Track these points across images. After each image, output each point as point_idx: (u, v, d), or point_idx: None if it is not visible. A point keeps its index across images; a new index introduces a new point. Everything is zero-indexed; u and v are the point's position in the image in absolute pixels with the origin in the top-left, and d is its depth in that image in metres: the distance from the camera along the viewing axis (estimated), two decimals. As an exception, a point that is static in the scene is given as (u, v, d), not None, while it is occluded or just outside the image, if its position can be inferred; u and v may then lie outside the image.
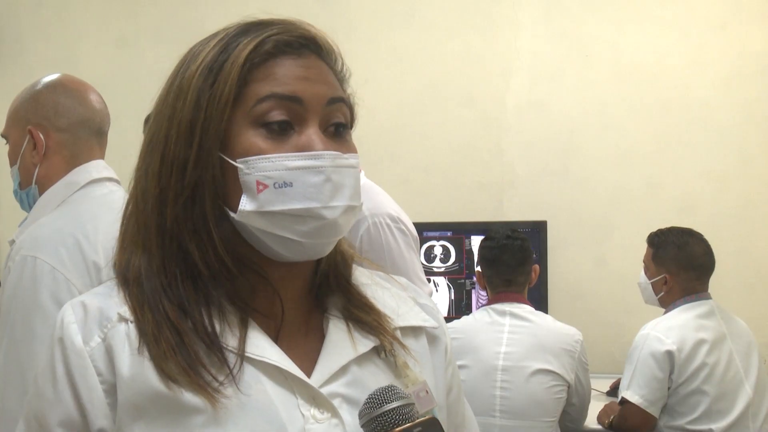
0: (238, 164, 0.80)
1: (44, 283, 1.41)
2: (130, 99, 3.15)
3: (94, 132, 1.67)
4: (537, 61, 3.51)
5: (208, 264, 0.82)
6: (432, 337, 0.95)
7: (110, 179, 1.66)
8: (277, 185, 0.79)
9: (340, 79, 0.88)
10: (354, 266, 0.94)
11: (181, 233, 0.82)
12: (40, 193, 1.64)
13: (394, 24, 3.58)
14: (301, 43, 0.84)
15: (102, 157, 1.69)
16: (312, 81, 0.82)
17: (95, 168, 1.64)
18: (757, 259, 3.36)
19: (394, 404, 0.79)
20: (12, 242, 1.58)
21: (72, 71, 1.78)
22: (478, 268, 2.65)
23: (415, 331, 0.93)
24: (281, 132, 0.81)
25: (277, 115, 0.81)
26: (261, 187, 0.79)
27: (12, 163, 1.68)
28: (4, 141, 1.71)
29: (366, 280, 0.94)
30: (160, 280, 0.82)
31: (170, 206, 0.82)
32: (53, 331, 0.84)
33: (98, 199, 1.60)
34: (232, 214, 0.81)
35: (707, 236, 2.68)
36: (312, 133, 0.81)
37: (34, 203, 1.64)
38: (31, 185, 1.64)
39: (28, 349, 1.38)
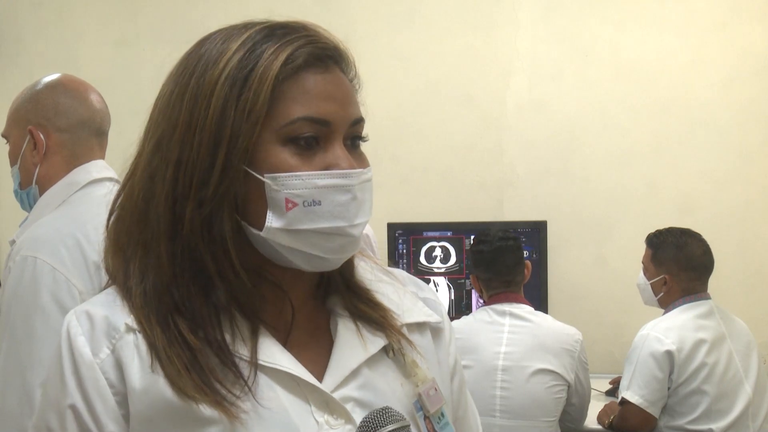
0: (266, 180, 0.79)
1: (44, 283, 1.41)
2: (130, 99, 3.15)
3: (95, 132, 1.67)
4: (537, 61, 3.51)
5: (223, 276, 0.81)
6: (436, 331, 0.96)
7: (110, 179, 1.66)
8: (306, 203, 0.79)
9: (356, 90, 0.88)
10: (356, 262, 0.93)
11: (197, 244, 0.80)
12: (41, 193, 1.64)
13: (394, 24, 3.58)
14: (328, 56, 0.83)
15: (102, 157, 1.69)
16: (340, 102, 0.82)
17: (95, 168, 1.64)
18: (757, 259, 3.36)
19: (389, 428, 0.78)
20: (12, 242, 1.58)
21: (72, 71, 1.78)
22: (473, 273, 2.64)
23: (420, 326, 0.93)
24: (308, 148, 0.80)
25: (306, 132, 0.80)
26: (290, 205, 0.78)
27: (12, 163, 1.68)
28: (5, 141, 1.71)
29: (369, 275, 0.94)
30: (171, 293, 0.80)
31: (187, 218, 0.79)
32: (59, 342, 0.82)
33: (98, 199, 1.60)
34: (255, 231, 0.80)
35: (707, 236, 2.68)
36: (339, 151, 0.81)
37: (35, 203, 1.64)
38: (31, 185, 1.64)
39: (28, 349, 1.38)
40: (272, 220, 0.79)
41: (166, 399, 0.77)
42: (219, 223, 0.79)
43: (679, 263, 2.63)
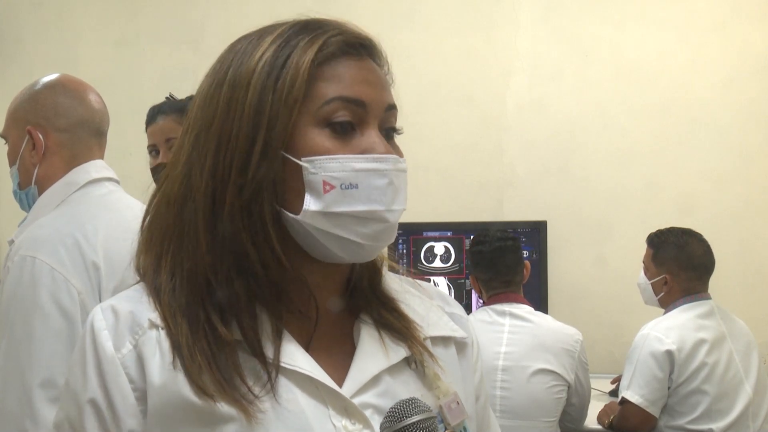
0: (304, 163, 0.79)
1: (43, 283, 1.41)
2: (130, 99, 3.15)
3: (94, 132, 1.67)
4: (537, 61, 3.51)
5: (265, 264, 0.80)
6: (461, 346, 0.95)
7: (110, 179, 1.66)
8: (344, 186, 0.79)
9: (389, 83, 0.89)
10: (384, 271, 0.93)
11: (238, 233, 0.79)
12: (40, 193, 1.63)
13: (394, 24, 3.58)
14: (362, 44, 0.85)
15: (101, 157, 1.69)
16: (374, 86, 0.83)
17: (94, 168, 1.64)
18: (757, 259, 3.36)
19: (416, 418, 0.78)
20: (11, 242, 1.58)
21: (72, 71, 1.78)
22: (472, 273, 2.64)
23: (444, 340, 0.92)
24: (344, 132, 0.81)
25: (342, 116, 0.81)
26: (328, 188, 0.78)
27: (11, 164, 1.68)
28: (4, 141, 1.71)
29: (396, 286, 0.93)
30: (207, 283, 0.80)
31: (227, 205, 0.79)
32: (83, 335, 0.82)
33: (97, 199, 1.60)
34: (290, 215, 0.80)
35: (707, 236, 2.68)
36: (374, 136, 0.82)
37: (34, 203, 1.64)
38: (30, 185, 1.64)
39: (27, 349, 1.38)
40: (310, 203, 0.79)
41: (183, 396, 0.76)
42: (259, 208, 0.79)
43: (679, 263, 2.64)
